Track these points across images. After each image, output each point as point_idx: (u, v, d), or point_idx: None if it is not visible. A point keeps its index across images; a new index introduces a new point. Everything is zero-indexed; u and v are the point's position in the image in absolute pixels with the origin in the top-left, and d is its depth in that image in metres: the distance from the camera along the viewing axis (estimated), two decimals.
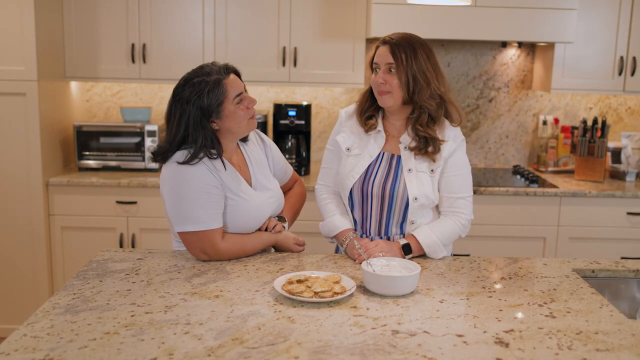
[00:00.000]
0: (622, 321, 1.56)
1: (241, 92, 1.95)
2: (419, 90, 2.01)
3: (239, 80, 1.98)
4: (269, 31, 3.53)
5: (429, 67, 2.04)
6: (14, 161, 3.31)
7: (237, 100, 1.93)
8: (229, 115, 1.93)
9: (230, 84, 1.93)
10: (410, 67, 2.00)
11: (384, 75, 2.03)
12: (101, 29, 3.51)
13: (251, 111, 1.97)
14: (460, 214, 2.07)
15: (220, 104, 1.91)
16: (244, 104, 1.95)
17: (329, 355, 1.34)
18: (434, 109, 2.04)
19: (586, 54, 3.58)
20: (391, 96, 2.03)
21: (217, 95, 1.90)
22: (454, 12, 3.28)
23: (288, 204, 2.23)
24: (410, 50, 2.02)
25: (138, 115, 3.68)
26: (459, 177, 2.08)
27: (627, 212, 3.40)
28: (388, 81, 2.02)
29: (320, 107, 3.93)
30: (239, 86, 1.96)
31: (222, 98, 1.91)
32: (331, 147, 2.21)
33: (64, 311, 1.54)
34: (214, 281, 1.77)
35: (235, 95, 1.93)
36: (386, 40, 2.06)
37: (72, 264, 3.40)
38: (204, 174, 1.90)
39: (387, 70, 2.03)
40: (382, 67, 2.04)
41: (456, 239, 2.10)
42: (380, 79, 2.03)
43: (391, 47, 2.03)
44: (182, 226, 1.91)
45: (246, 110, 1.95)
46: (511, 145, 4.01)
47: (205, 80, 1.90)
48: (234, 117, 1.93)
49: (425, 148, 2.04)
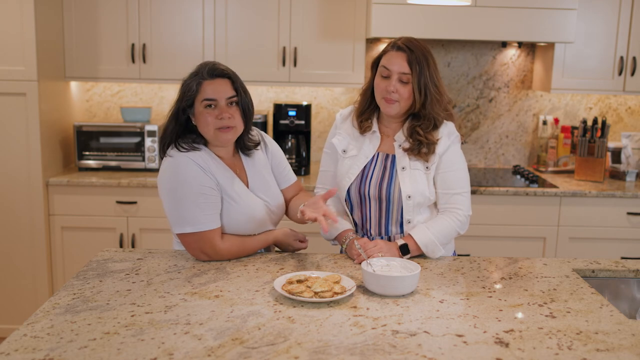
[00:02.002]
0: (622, 321, 1.56)
1: (213, 98, 1.90)
2: (431, 101, 1.99)
3: (223, 88, 1.92)
4: (269, 31, 3.53)
5: (439, 77, 2.01)
6: (14, 161, 3.31)
7: (205, 103, 1.91)
8: (197, 115, 1.94)
9: (208, 86, 1.91)
10: (424, 78, 1.97)
11: (396, 85, 1.97)
12: (101, 29, 3.51)
13: (223, 122, 1.90)
14: (457, 210, 2.05)
15: (192, 102, 1.93)
16: (213, 111, 1.91)
17: (329, 355, 1.34)
18: (440, 119, 2.03)
19: (586, 54, 3.58)
20: (398, 105, 2.01)
21: (191, 92, 1.92)
22: (454, 12, 3.28)
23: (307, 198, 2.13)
24: (424, 61, 1.97)
25: (138, 115, 3.68)
26: (454, 173, 2.06)
27: (627, 212, 3.40)
28: (399, 91, 1.98)
29: (320, 107, 3.93)
30: (216, 92, 1.91)
31: (194, 96, 1.92)
32: (328, 150, 2.21)
33: (64, 311, 1.54)
34: (214, 281, 1.77)
35: (205, 98, 1.91)
36: (400, 47, 1.99)
37: (72, 264, 3.40)
38: (199, 175, 1.90)
39: (399, 79, 1.98)
40: (395, 75, 1.98)
41: (455, 236, 2.08)
42: (392, 88, 1.97)
43: (407, 57, 1.97)
44: (180, 228, 1.91)
45: (213, 118, 1.91)
46: (511, 145, 4.01)
47: (192, 75, 1.94)
48: (199, 119, 1.93)
49: (418, 149, 2.02)
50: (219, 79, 1.93)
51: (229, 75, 1.95)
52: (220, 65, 1.96)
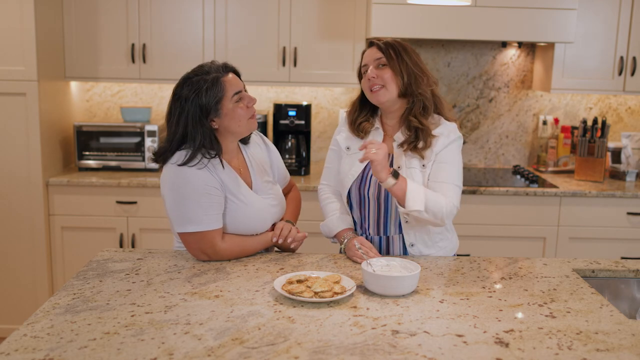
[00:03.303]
0: (622, 321, 1.56)
1: (240, 90, 1.94)
2: (415, 80, 2.01)
3: (237, 79, 1.97)
4: (269, 31, 3.53)
5: (420, 61, 2.06)
6: (14, 161, 3.31)
7: (235, 98, 1.92)
8: (227, 113, 1.92)
9: (228, 82, 1.92)
10: (402, 60, 2.01)
11: (375, 71, 2.02)
12: (101, 29, 3.51)
13: (251, 110, 1.96)
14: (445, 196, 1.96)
15: (218, 102, 1.90)
16: (243, 103, 1.94)
17: (329, 355, 1.34)
18: (429, 98, 2.04)
19: (586, 54, 3.58)
20: (386, 90, 2.01)
21: (216, 93, 1.89)
22: (454, 12, 3.28)
23: (290, 209, 2.22)
24: (399, 47, 2.04)
25: (138, 115, 3.68)
26: (447, 165, 2.01)
27: (627, 212, 3.40)
28: (379, 75, 2.01)
29: (320, 107, 3.93)
30: (237, 84, 1.95)
31: (221, 95, 1.90)
32: (333, 147, 2.22)
33: (64, 311, 1.54)
34: (214, 281, 1.77)
35: (234, 93, 1.92)
36: (372, 42, 2.08)
37: (72, 264, 3.40)
38: (204, 175, 1.90)
39: (376, 65, 2.03)
40: (372, 64, 2.04)
41: (438, 213, 1.93)
42: (372, 74, 2.02)
43: (377, 46, 2.05)
44: (182, 227, 1.91)
45: (245, 109, 1.94)
46: (511, 145, 4.01)
47: (204, 78, 1.90)
48: (232, 115, 1.92)
49: (415, 142, 2.01)
50: (231, 73, 1.97)
51: (233, 69, 2.00)
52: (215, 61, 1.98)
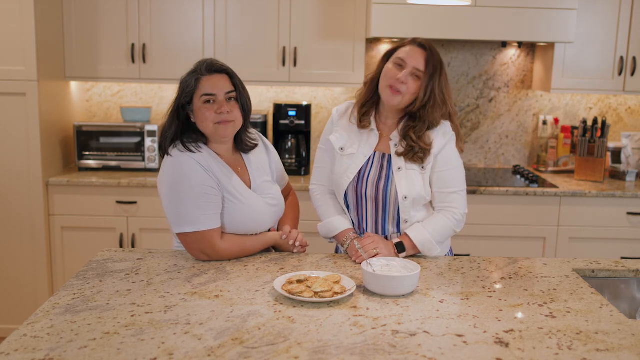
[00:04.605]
0: (622, 321, 1.56)
1: (212, 93, 1.91)
2: (432, 106, 1.99)
3: (222, 83, 1.93)
4: (269, 31, 3.53)
5: (448, 88, 2.03)
6: (14, 161, 3.31)
7: (204, 99, 1.92)
8: (196, 111, 1.94)
9: (206, 81, 1.92)
10: (434, 82, 1.98)
11: (408, 77, 1.98)
12: (101, 29, 3.51)
13: (222, 116, 1.91)
14: (453, 208, 2.05)
15: (191, 98, 1.94)
16: (212, 106, 1.92)
17: (329, 355, 1.34)
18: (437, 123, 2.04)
19: (586, 54, 3.58)
20: (401, 98, 2.00)
21: (190, 88, 1.92)
22: (454, 12, 3.28)
23: (290, 217, 2.21)
24: (439, 66, 2.00)
25: (138, 115, 3.68)
26: (450, 172, 2.06)
27: (627, 212, 3.40)
28: (408, 84, 1.98)
29: (320, 107, 3.93)
30: (215, 87, 1.92)
31: (193, 92, 1.93)
32: (323, 147, 2.20)
33: (64, 311, 1.54)
34: (214, 281, 1.77)
35: (204, 93, 1.92)
36: (422, 44, 2.01)
37: (72, 264, 3.40)
38: (200, 174, 1.90)
39: (412, 73, 1.99)
40: (410, 68, 1.98)
41: (451, 234, 2.09)
42: (403, 78, 1.98)
43: (427, 56, 1.99)
44: (180, 227, 1.91)
45: (212, 113, 1.91)
46: (511, 145, 4.01)
47: (190, 73, 1.95)
48: (198, 114, 1.93)
49: (412, 154, 2.02)
50: (217, 74, 1.95)
51: (226, 71, 1.97)
52: (217, 61, 1.97)
